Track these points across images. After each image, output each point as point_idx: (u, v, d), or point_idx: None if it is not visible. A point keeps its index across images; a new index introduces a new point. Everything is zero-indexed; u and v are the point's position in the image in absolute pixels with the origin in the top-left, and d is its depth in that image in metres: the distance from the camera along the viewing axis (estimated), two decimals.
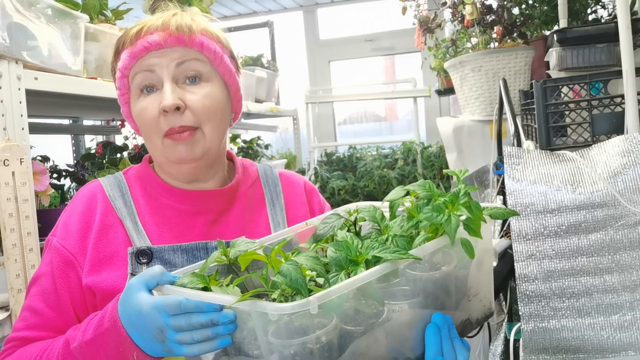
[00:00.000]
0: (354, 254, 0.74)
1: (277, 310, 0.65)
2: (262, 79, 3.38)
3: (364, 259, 0.74)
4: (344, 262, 0.74)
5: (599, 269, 1.13)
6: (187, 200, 1.05)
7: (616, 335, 1.12)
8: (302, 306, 0.64)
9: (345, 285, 0.68)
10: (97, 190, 1.05)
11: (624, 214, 1.11)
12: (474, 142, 2.15)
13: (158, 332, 0.77)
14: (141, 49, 0.98)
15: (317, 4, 4.44)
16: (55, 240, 1.00)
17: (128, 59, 0.99)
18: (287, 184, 1.18)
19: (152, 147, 1.03)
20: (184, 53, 0.99)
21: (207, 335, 0.74)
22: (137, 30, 0.99)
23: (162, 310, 0.76)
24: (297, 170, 3.89)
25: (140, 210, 1.03)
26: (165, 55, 0.98)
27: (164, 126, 0.98)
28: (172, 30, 0.98)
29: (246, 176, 1.14)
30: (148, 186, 1.06)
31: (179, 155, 0.99)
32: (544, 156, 1.26)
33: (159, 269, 0.81)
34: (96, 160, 2.16)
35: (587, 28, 1.58)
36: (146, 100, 0.99)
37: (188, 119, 0.98)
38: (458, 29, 2.18)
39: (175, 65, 0.98)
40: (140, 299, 0.79)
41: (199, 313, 0.73)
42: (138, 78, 0.99)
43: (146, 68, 0.98)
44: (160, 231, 1.02)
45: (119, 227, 1.00)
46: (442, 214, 0.77)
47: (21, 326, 0.98)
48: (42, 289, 0.98)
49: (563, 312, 1.14)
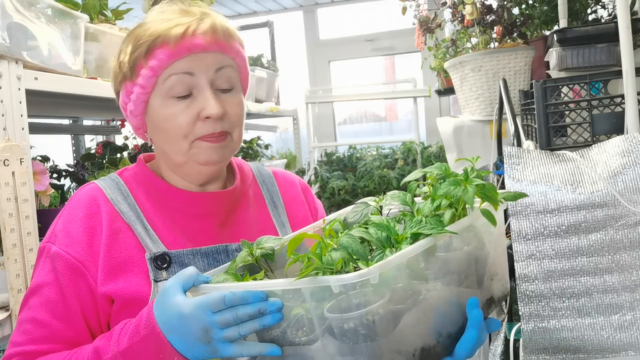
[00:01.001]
0: (394, 233, 0.79)
1: (340, 282, 0.67)
2: (262, 79, 3.38)
3: (405, 237, 0.78)
4: (386, 241, 0.77)
5: (599, 269, 1.13)
6: (194, 202, 1.02)
7: (616, 335, 1.12)
8: (363, 275, 0.66)
9: (400, 256, 0.71)
10: (97, 193, 1.00)
11: (624, 214, 1.11)
12: (474, 142, 2.15)
13: (203, 332, 0.75)
14: (183, 50, 0.93)
15: (317, 4, 4.44)
16: (55, 247, 0.95)
17: (166, 59, 0.93)
18: (284, 184, 1.17)
19: (174, 149, 0.99)
20: (222, 59, 0.97)
21: (254, 327, 0.74)
22: (182, 31, 0.93)
23: (206, 308, 0.75)
24: (297, 170, 3.89)
25: (146, 213, 1.00)
26: (205, 59, 0.95)
27: (200, 131, 0.96)
28: (219, 36, 0.95)
29: (244, 176, 1.13)
30: (151, 189, 1.03)
31: (211, 158, 0.98)
32: (544, 156, 1.26)
33: (194, 270, 0.80)
34: (96, 160, 2.16)
35: (587, 28, 1.59)
36: (177, 106, 0.95)
37: (225, 126, 0.97)
38: (458, 29, 2.18)
39: (214, 71, 0.96)
40: (179, 302, 0.77)
41: (245, 305, 0.73)
42: (172, 80, 0.94)
43: (185, 71, 0.94)
44: (173, 235, 0.99)
45: (128, 232, 0.97)
46: (459, 186, 0.82)
47: (24, 340, 0.92)
48: (45, 299, 0.93)
49: (563, 312, 1.14)
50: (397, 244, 0.77)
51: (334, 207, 3.60)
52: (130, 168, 1.08)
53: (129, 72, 0.97)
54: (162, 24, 0.94)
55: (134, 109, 0.99)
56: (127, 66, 0.97)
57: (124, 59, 0.97)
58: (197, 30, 0.93)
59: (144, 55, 0.95)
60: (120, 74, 0.99)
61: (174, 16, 0.96)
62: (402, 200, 0.88)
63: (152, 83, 0.96)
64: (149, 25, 0.96)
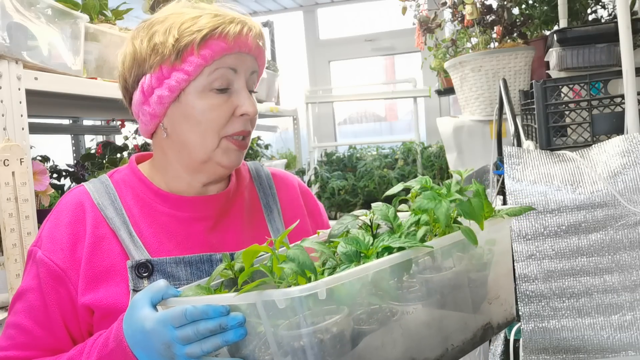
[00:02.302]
0: (364, 247, 0.74)
1: (285, 295, 0.62)
2: (262, 79, 3.36)
3: (374, 252, 0.73)
4: (354, 255, 0.73)
5: (599, 269, 1.13)
6: (184, 206, 1.01)
7: (616, 335, 1.12)
8: (309, 289, 0.61)
9: (354, 272, 0.66)
10: (84, 198, 0.98)
11: (624, 214, 1.11)
12: (474, 142, 2.15)
13: (165, 348, 0.74)
14: (236, 47, 0.96)
15: (317, 4, 4.44)
16: (40, 253, 0.94)
17: (220, 51, 0.95)
18: (282, 186, 1.15)
19: (200, 142, 0.97)
20: (256, 64, 1.02)
21: (216, 343, 0.71)
22: (239, 29, 0.96)
23: (168, 323, 0.73)
24: (297, 170, 3.89)
25: (133, 219, 0.98)
26: (245, 60, 0.99)
27: (235, 128, 0.98)
28: (261, 43, 1.01)
29: (240, 178, 1.10)
30: (140, 192, 1.01)
31: (232, 161, 1.00)
32: (544, 156, 1.26)
33: (164, 283, 0.78)
34: (96, 160, 2.16)
35: (587, 28, 1.59)
36: (218, 99, 0.97)
37: (251, 127, 1.02)
38: (458, 29, 2.18)
39: (250, 73, 1.00)
40: (144, 316, 0.76)
41: (206, 320, 0.71)
42: (218, 73, 0.96)
43: (231, 66, 0.97)
44: (158, 241, 0.97)
45: (112, 239, 0.95)
46: (435, 200, 0.77)
47: (7, 345, 0.93)
48: (28, 305, 0.93)
49: (563, 312, 1.14)
50: (364, 258, 0.72)
51: (334, 207, 3.60)
52: (121, 169, 1.06)
53: (173, 57, 0.94)
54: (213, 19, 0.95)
55: (167, 94, 0.95)
56: (171, 50, 0.94)
57: (166, 41, 0.94)
58: (250, 32, 0.98)
59: (199, 43, 0.93)
60: (155, 57, 0.95)
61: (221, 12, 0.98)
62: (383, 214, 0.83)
63: (198, 71, 0.95)
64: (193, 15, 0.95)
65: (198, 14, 0.96)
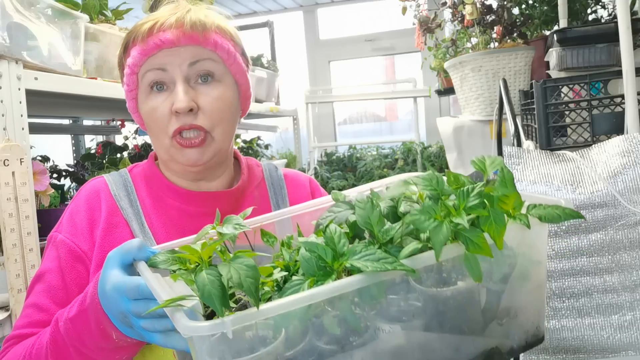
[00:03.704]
0: (329, 258, 0.58)
1: (185, 330, 0.55)
2: (262, 79, 3.38)
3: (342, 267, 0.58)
4: (316, 267, 0.58)
5: (599, 269, 1.13)
6: (193, 201, 1.02)
7: (616, 335, 1.12)
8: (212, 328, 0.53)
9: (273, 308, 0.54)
10: (101, 187, 1.02)
11: (624, 214, 1.11)
12: (474, 142, 2.15)
13: (122, 316, 0.72)
14: (153, 46, 0.94)
15: (317, 4, 4.44)
16: (61, 236, 0.97)
17: (139, 56, 0.95)
18: (293, 186, 1.15)
19: (158, 145, 1.00)
20: (198, 52, 0.96)
21: (168, 326, 0.67)
22: (149, 27, 0.95)
23: (123, 293, 0.70)
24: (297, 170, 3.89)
25: (146, 210, 1.01)
26: (178, 54, 0.95)
27: (174, 126, 0.95)
28: (187, 29, 0.94)
29: (252, 177, 1.11)
30: (154, 186, 1.04)
31: (189, 159, 0.97)
32: (544, 156, 1.26)
33: (137, 243, 0.74)
34: (96, 160, 2.16)
35: (587, 28, 1.58)
36: (157, 99, 0.96)
37: (200, 120, 0.96)
38: (458, 29, 2.18)
39: (188, 65, 0.95)
40: (108, 277, 0.73)
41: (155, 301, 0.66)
42: (149, 76, 0.96)
43: (158, 67, 0.95)
44: (167, 232, 0.99)
45: (125, 228, 0.98)
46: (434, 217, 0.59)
47: (23, 323, 0.93)
48: (47, 285, 0.94)
49: (563, 312, 1.14)
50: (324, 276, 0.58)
51: None
52: (140, 164, 1.10)
53: (120, 72, 1.03)
54: (141, 22, 0.98)
55: (130, 105, 1.03)
56: (118, 66, 1.03)
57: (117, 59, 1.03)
58: (163, 25, 0.94)
59: (123, 54, 1.00)
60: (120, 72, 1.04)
61: (159, 13, 0.98)
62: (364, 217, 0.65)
63: (133, 80, 0.98)
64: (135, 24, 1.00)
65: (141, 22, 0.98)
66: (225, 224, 0.71)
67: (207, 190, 1.04)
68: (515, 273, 0.68)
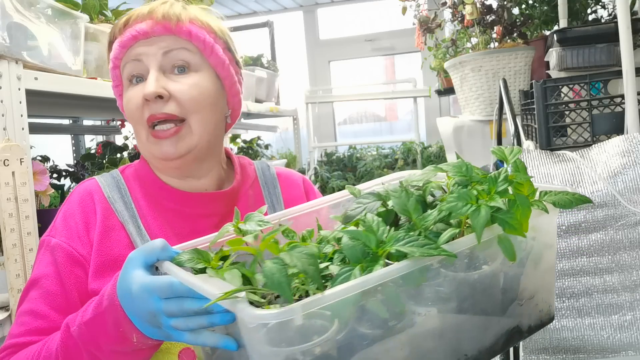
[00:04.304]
0: (373, 245, 0.62)
1: (253, 318, 0.56)
2: (262, 79, 3.38)
3: (386, 253, 0.61)
4: (361, 254, 0.61)
5: (599, 269, 1.13)
6: (188, 202, 1.01)
7: (616, 335, 1.12)
8: (282, 315, 0.55)
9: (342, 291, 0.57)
10: (94, 189, 1.00)
11: (624, 214, 1.11)
12: (474, 142, 2.15)
13: (151, 316, 0.71)
14: (129, 37, 0.96)
15: (317, 4, 4.44)
16: (56, 240, 0.95)
17: (118, 49, 0.98)
18: (286, 185, 1.15)
19: (138, 140, 0.99)
20: (172, 42, 0.96)
21: (202, 323, 0.67)
22: (125, 20, 0.98)
23: (154, 293, 0.69)
24: (297, 170, 3.89)
25: (141, 212, 0.99)
26: (152, 43, 0.96)
27: (146, 114, 0.94)
28: (159, 18, 0.96)
29: (245, 176, 1.10)
30: (148, 187, 1.02)
31: (164, 152, 0.95)
32: (544, 156, 1.26)
33: (161, 243, 0.74)
34: (96, 160, 2.16)
35: (587, 28, 1.59)
36: (133, 91, 0.97)
37: (172, 108, 0.94)
38: (458, 29, 2.18)
39: (162, 54, 0.96)
40: (133, 278, 0.72)
41: (192, 299, 0.67)
42: (127, 68, 0.97)
43: (134, 57, 0.96)
44: (164, 234, 0.98)
45: (121, 230, 0.96)
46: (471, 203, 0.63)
47: (20, 331, 0.90)
48: (44, 291, 0.92)
49: (563, 312, 1.14)
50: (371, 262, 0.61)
51: None
52: (132, 165, 1.08)
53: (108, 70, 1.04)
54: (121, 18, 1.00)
55: (118, 103, 1.05)
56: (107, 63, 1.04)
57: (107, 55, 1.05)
58: (138, 17, 0.97)
59: (108, 50, 1.03)
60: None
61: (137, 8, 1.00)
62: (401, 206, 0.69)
63: (117, 75, 1.01)
64: None
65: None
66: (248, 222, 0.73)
67: (198, 190, 1.03)
68: (531, 256, 0.73)
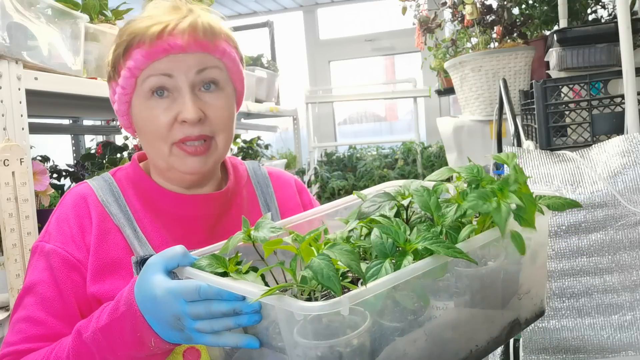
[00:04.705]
0: (402, 241, 0.66)
1: (304, 310, 0.59)
2: (262, 79, 3.38)
3: (413, 249, 0.65)
4: (390, 249, 0.66)
5: (599, 269, 1.13)
6: (184, 205, 1.00)
7: (616, 335, 1.12)
8: (332, 307, 0.58)
9: (383, 283, 0.61)
10: (87, 193, 0.99)
11: (624, 214, 1.11)
12: (474, 142, 2.15)
13: (175, 320, 0.72)
14: (161, 51, 0.90)
15: (317, 4, 4.44)
16: (50, 245, 0.93)
17: (142, 60, 0.91)
18: (279, 185, 1.14)
19: (155, 152, 0.97)
20: (205, 60, 0.93)
21: (228, 325, 0.69)
22: (158, 30, 0.90)
23: (179, 296, 0.70)
24: (297, 170, 3.89)
25: (137, 215, 0.98)
26: (185, 60, 0.91)
27: (178, 135, 0.92)
28: (199, 36, 0.90)
29: (238, 177, 1.10)
30: (143, 190, 1.01)
31: (190, 167, 0.95)
32: (544, 156, 1.26)
33: (180, 249, 0.75)
34: (96, 160, 2.16)
35: (587, 28, 1.59)
36: (158, 106, 0.92)
37: (206, 129, 0.94)
38: (458, 29, 2.18)
39: (195, 72, 0.92)
40: (156, 283, 0.73)
41: (219, 301, 0.68)
42: (152, 81, 0.92)
43: (164, 72, 0.91)
44: (161, 237, 0.97)
45: (117, 233, 0.95)
46: (489, 201, 0.67)
47: (17, 339, 0.88)
48: (40, 297, 0.90)
49: (563, 312, 1.14)
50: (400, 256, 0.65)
51: None
52: (124, 167, 1.06)
53: (112, 72, 0.97)
54: (142, 22, 0.92)
55: (119, 108, 0.99)
56: (110, 66, 0.97)
57: (109, 58, 0.97)
58: (175, 30, 0.90)
59: (122, 55, 0.93)
60: (107, 73, 0.99)
61: (160, 13, 0.93)
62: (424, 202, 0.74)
63: (131, 84, 0.94)
64: (133, 22, 0.94)
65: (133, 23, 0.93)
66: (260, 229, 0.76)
67: (197, 193, 1.02)
68: (528, 253, 0.78)
